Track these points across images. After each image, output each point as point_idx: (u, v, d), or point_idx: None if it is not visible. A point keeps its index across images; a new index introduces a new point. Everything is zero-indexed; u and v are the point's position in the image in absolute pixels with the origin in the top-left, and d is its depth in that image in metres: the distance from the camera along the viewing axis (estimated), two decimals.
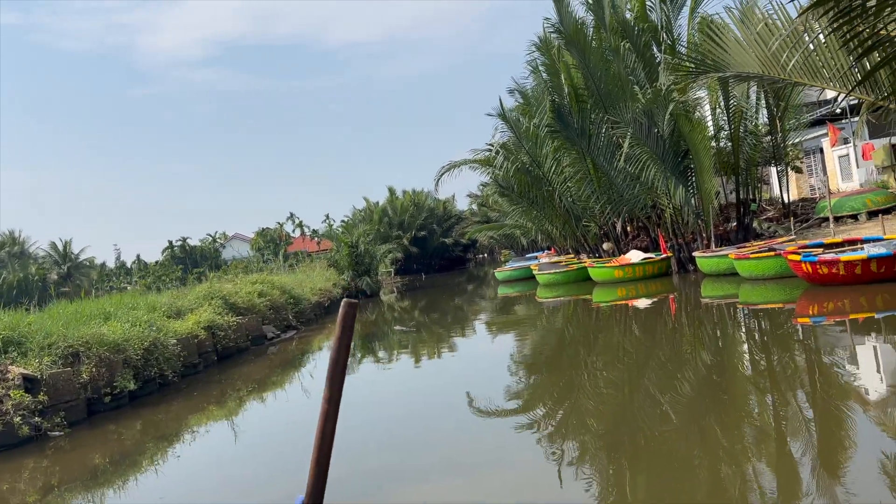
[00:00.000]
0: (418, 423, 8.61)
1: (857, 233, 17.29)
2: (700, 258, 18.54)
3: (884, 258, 12.20)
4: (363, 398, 10.10)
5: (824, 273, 12.91)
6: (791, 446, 5.91)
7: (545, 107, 22.66)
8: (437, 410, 9.11)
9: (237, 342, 15.93)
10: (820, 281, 13.19)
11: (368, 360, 15.17)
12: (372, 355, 16.22)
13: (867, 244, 13.14)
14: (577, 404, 8.45)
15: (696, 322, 14.14)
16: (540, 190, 25.24)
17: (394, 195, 56.44)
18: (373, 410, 9.32)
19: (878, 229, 17.61)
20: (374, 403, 9.93)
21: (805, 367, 8.75)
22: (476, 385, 10.09)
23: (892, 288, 12.30)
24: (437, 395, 10.22)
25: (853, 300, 12.40)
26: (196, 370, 13.83)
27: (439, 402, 9.66)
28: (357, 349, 17.33)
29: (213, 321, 14.80)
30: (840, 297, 12.67)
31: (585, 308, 19.58)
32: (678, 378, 8.91)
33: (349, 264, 32.38)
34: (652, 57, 21.25)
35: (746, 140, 21.83)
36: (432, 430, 8.08)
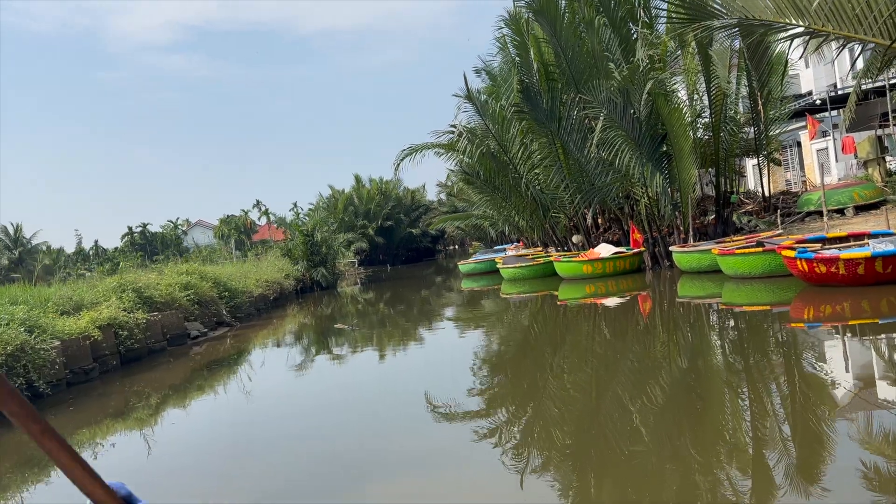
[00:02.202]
0: (371, 426, 7.73)
1: (849, 228, 15.71)
2: (677, 253, 16.79)
3: (890, 257, 10.52)
4: (310, 398, 9.65)
5: (822, 272, 11.20)
6: (772, 471, 4.98)
7: (513, 86, 20.73)
8: (393, 411, 8.38)
9: (148, 342, 13.78)
10: (817, 280, 11.49)
11: (322, 357, 14.04)
12: (326, 352, 14.80)
13: (873, 239, 11.45)
14: (541, 411, 7.58)
15: (671, 324, 12.42)
16: (506, 177, 23.35)
17: (360, 183, 54.22)
18: (319, 413, 8.68)
19: (871, 224, 16.06)
20: (320, 407, 9.18)
21: (793, 379, 7.47)
22: (433, 386, 9.24)
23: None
24: (393, 394, 9.48)
25: (854, 304, 10.72)
26: (88, 377, 11.69)
27: (395, 402, 8.91)
28: (310, 345, 15.98)
29: (114, 318, 12.63)
30: (839, 300, 10.98)
31: (551, 305, 17.84)
32: (649, 387, 7.80)
33: (304, 254, 30.20)
34: (629, 33, 19.42)
35: (726, 128, 20.19)
36: (386, 435, 7.30)
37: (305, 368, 12.71)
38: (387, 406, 8.68)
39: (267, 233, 69.77)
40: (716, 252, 14.44)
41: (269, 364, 13.93)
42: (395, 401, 8.93)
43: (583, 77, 19.60)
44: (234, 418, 9.19)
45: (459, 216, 38.44)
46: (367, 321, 20.69)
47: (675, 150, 17.79)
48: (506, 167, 23.28)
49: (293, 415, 8.87)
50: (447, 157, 26.03)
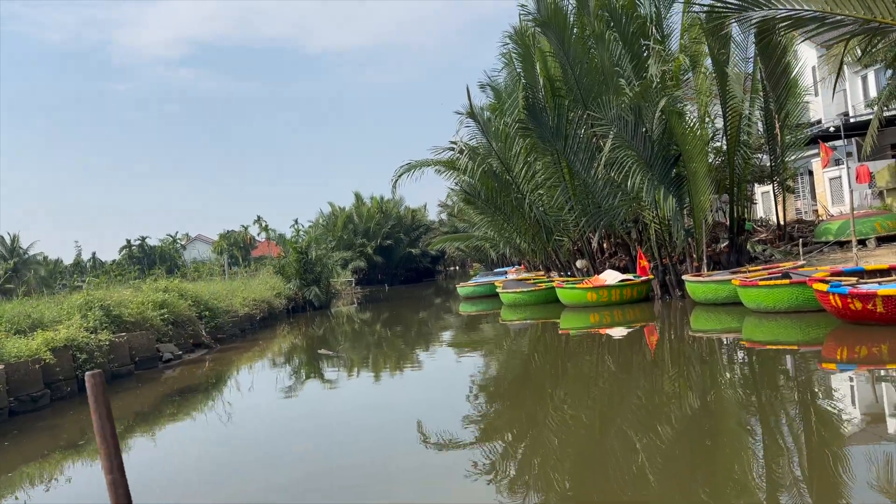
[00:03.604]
0: (359, 457, 7.23)
1: (875, 259, 14.56)
2: (691, 283, 15.60)
3: None
4: (291, 429, 9.09)
5: (858, 309, 10.03)
6: None
7: (517, 102, 19.71)
8: (381, 442, 7.78)
9: (112, 366, 12.60)
10: (852, 318, 10.31)
11: (306, 384, 13.24)
12: (312, 378, 13.93)
13: None
14: (540, 447, 7.10)
15: (682, 360, 11.27)
16: (508, 197, 22.25)
17: (360, 201, 53.25)
18: (298, 446, 8.09)
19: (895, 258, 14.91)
20: (302, 438, 8.53)
21: (818, 429, 6.60)
22: (426, 414, 8.83)
23: None
24: (382, 423, 8.81)
25: (894, 345, 9.53)
26: (37, 405, 10.50)
27: (383, 432, 8.27)
28: (294, 370, 15.02)
29: (72, 339, 11.45)
30: (877, 340, 9.81)
31: (553, 334, 16.65)
32: (658, 428, 7.13)
33: (297, 272, 29.06)
34: (640, 49, 18.40)
35: (740, 152, 19.12)
36: (369, 468, 6.77)
37: (288, 396, 11.72)
38: (374, 436, 8.06)
39: (266, 249, 68.88)
40: (736, 283, 13.24)
41: (247, 391, 12.84)
42: (384, 431, 8.31)
43: (591, 94, 18.57)
44: (204, 451, 8.32)
45: (459, 237, 37.35)
46: (361, 343, 19.59)
47: (689, 172, 16.69)
48: (508, 187, 22.21)
49: (269, 450, 8.09)
50: (448, 176, 24.99)
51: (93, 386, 2.16)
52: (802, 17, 5.64)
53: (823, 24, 5.60)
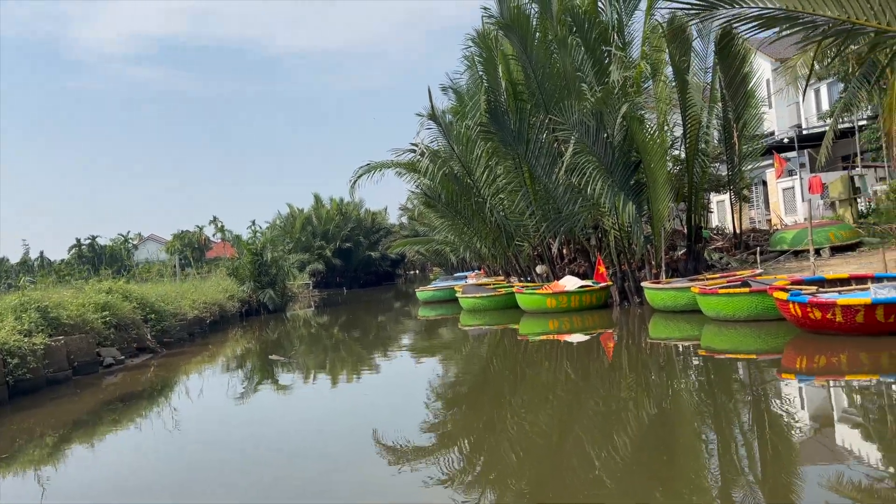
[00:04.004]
0: (311, 466, 7.10)
1: (830, 269, 14.70)
2: (650, 290, 15.54)
3: (893, 305, 9.34)
4: (240, 436, 8.72)
5: (817, 318, 10.00)
6: None
7: (479, 105, 19.46)
8: (333, 449, 7.60)
9: (47, 371, 11.86)
10: (812, 327, 10.28)
11: (258, 390, 12.78)
12: (265, 383, 13.41)
13: (876, 284, 10.31)
14: (498, 454, 7.01)
15: (641, 368, 11.20)
16: (469, 201, 21.96)
17: (320, 203, 52.40)
18: (247, 455, 7.75)
19: (852, 266, 15.10)
20: (249, 447, 8.14)
21: (775, 439, 6.57)
22: (382, 421, 8.54)
23: None
24: (336, 429, 8.63)
25: (852, 356, 9.54)
26: None
27: (336, 439, 8.08)
28: (246, 376, 14.51)
29: (3, 342, 10.72)
30: (836, 350, 9.78)
31: (511, 340, 16.44)
32: (615, 435, 7.16)
33: (251, 274, 28.26)
34: (602, 55, 18.34)
35: (699, 160, 19.22)
36: (321, 477, 6.65)
37: (239, 403, 11.24)
38: (329, 444, 7.86)
39: (222, 250, 67.37)
40: (695, 291, 13.18)
41: (195, 397, 12.32)
42: (339, 437, 8.11)
43: (553, 98, 18.45)
44: (148, 461, 7.88)
45: (419, 240, 36.96)
46: (318, 347, 19.11)
47: (649, 179, 16.67)
48: (469, 191, 21.94)
49: (216, 458, 7.81)
50: (408, 179, 24.61)
51: None
52: (774, 17, 5.45)
53: (795, 23, 5.41)
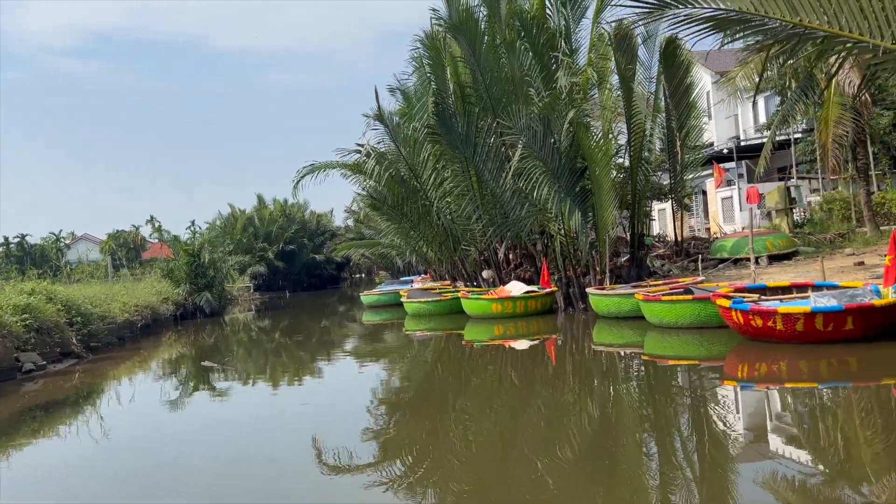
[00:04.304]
0: (248, 476, 6.79)
1: (769, 277, 14.97)
2: (594, 296, 15.53)
3: (833, 313, 9.47)
4: (170, 446, 8.36)
5: (758, 325, 10.07)
6: None
7: (427, 106, 19.18)
8: (276, 457, 7.36)
9: None
10: (753, 334, 10.35)
11: (192, 397, 12.29)
12: (199, 390, 12.96)
13: (816, 292, 10.46)
14: (441, 461, 6.97)
15: (584, 374, 11.21)
16: (416, 204, 21.64)
17: (262, 204, 51.16)
18: (178, 465, 7.49)
19: (790, 275, 15.44)
20: (181, 456, 7.86)
21: (714, 443, 6.75)
22: (324, 429, 8.35)
23: (841, 352, 9.57)
24: (273, 439, 8.32)
25: (792, 363, 9.63)
26: None
27: (274, 449, 7.77)
28: (180, 382, 13.91)
29: None
30: (776, 358, 9.87)
31: (456, 346, 16.19)
32: (557, 440, 7.20)
33: (187, 276, 27.20)
34: (550, 62, 18.31)
35: (642, 168, 19.41)
36: (268, 485, 6.40)
37: (172, 409, 10.84)
38: (267, 453, 7.58)
39: (159, 251, 65.21)
40: (640, 297, 13.19)
41: (124, 405, 11.66)
42: (277, 446, 7.84)
43: (501, 102, 18.33)
44: (72, 472, 7.48)
45: (365, 243, 36.47)
46: (259, 352, 18.46)
47: (595, 186, 16.71)
48: (416, 193, 21.62)
49: (144, 466, 7.48)
50: (354, 180, 24.12)
51: None
52: (727, 19, 5.33)
53: (747, 26, 5.30)
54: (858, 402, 7.87)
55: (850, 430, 6.81)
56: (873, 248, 17.63)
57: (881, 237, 18.67)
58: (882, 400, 7.92)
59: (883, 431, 6.61)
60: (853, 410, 7.56)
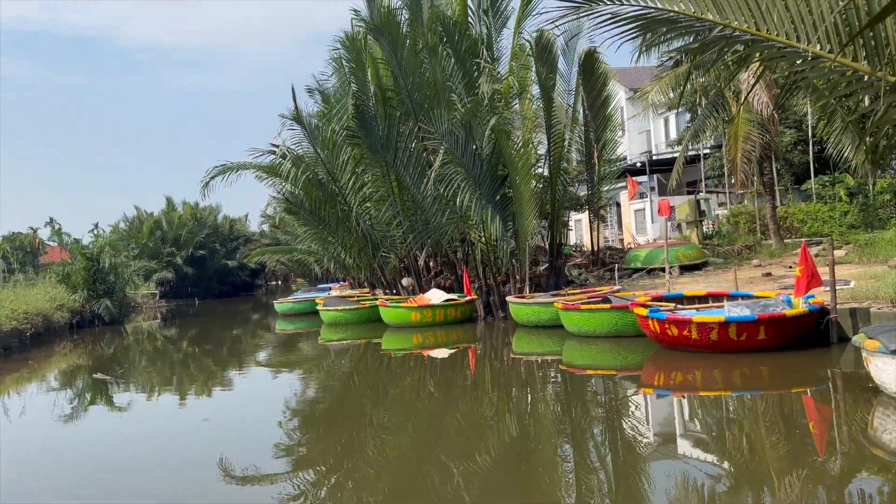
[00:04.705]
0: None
1: (681, 287, 15.27)
2: (514, 305, 15.40)
3: (745, 323, 9.62)
4: (59, 465, 7.69)
5: (674, 335, 10.12)
6: None
7: (346, 108, 18.63)
8: (179, 475, 7.01)
9: None
10: (669, 343, 10.40)
11: (89, 410, 11.54)
12: (95, 403, 12.17)
13: (731, 301, 10.62)
14: (356, 473, 6.71)
15: (502, 383, 11.03)
16: (334, 209, 20.97)
17: (172, 206, 48.80)
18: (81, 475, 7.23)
19: (701, 285, 15.82)
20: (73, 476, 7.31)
21: (628, 451, 6.87)
22: (232, 444, 7.94)
23: (754, 361, 9.72)
24: (180, 452, 8.05)
25: (707, 372, 9.72)
26: None
27: (183, 462, 7.54)
28: (74, 395, 12.95)
29: None
30: (692, 367, 9.95)
31: (374, 355, 15.69)
32: (475, 450, 7.08)
33: (85, 281, 25.38)
34: (472, 68, 18.17)
35: (560, 179, 19.57)
36: None
37: (64, 426, 10.03)
38: (169, 471, 7.16)
39: (59, 255, 61.25)
40: (559, 306, 13.12)
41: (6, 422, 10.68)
42: (181, 464, 7.45)
43: (423, 106, 18.04)
44: None
45: (280, 249, 35.28)
46: (162, 362, 17.32)
47: (515, 194, 16.64)
48: (334, 198, 20.96)
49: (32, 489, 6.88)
50: (269, 183, 23.20)
51: None
52: (654, 19, 5.16)
53: (674, 27, 5.15)
54: (769, 411, 7.96)
55: (758, 438, 6.88)
56: (778, 259, 18.39)
57: (785, 249, 19.53)
58: (793, 409, 8.03)
59: (791, 439, 6.70)
60: (763, 419, 7.64)
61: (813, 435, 6.83)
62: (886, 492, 5.22)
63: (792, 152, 25.64)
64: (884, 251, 15.16)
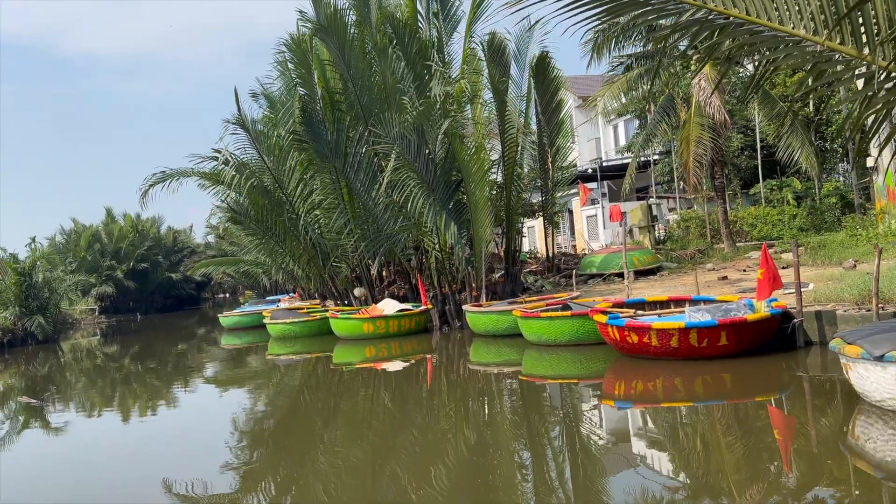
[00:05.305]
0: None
1: (637, 292, 15.07)
2: (471, 314, 14.93)
3: (706, 329, 9.35)
4: None
5: (634, 342, 9.79)
6: None
7: (293, 111, 17.95)
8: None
9: None
10: (630, 351, 10.08)
11: (32, 429, 11.03)
12: (36, 422, 11.46)
13: (692, 307, 10.35)
14: (307, 495, 6.36)
15: (459, 395, 10.54)
16: (281, 217, 20.19)
17: (111, 218, 46.87)
18: None
19: (658, 289, 15.67)
20: None
21: (589, 462, 6.64)
22: (175, 465, 7.67)
23: (716, 368, 9.46)
24: (121, 475, 7.60)
25: (668, 381, 9.38)
26: None
27: (124, 484, 7.14)
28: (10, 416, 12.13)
29: None
30: (653, 375, 9.60)
31: (325, 370, 15.00)
32: (432, 466, 6.78)
33: (17, 298, 23.88)
34: (423, 71, 17.73)
35: (514, 185, 19.27)
36: None
37: None
38: (106, 491, 6.87)
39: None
40: (517, 314, 12.70)
41: None
42: (121, 486, 7.08)
43: (373, 110, 17.48)
44: None
45: (225, 261, 34.09)
46: (100, 382, 16.28)
47: (470, 200, 16.22)
48: (281, 206, 20.18)
49: None
50: (213, 192, 22.21)
51: None
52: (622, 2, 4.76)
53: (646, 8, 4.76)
54: (732, 420, 7.67)
55: (720, 448, 6.59)
56: (731, 263, 18.43)
57: (737, 253, 19.63)
58: (756, 417, 7.74)
59: (754, 449, 6.39)
60: (726, 428, 7.33)
61: (782, 446, 6.50)
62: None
63: (739, 157, 26.01)
64: (837, 253, 15.27)
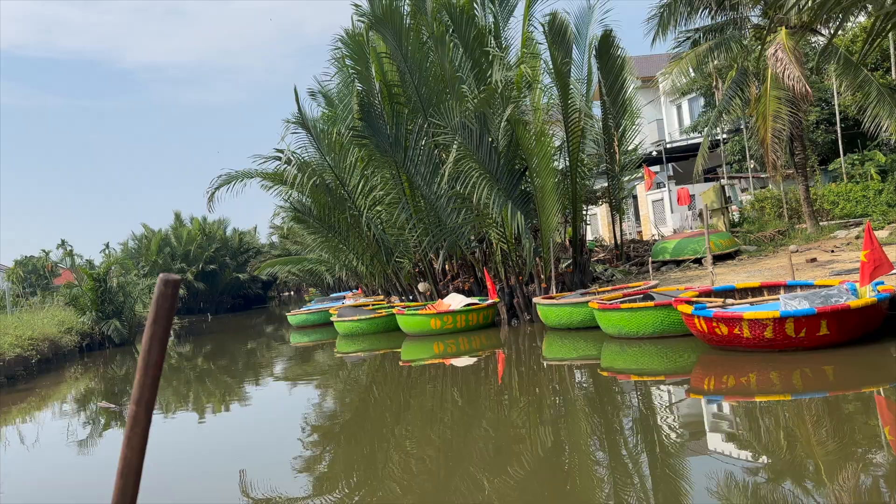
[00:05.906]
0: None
1: (719, 278, 14.25)
2: (543, 306, 14.42)
3: (804, 317, 8.59)
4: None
5: (724, 333, 9.12)
6: None
7: (351, 107, 17.79)
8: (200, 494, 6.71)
9: None
10: (719, 343, 9.40)
11: (110, 433, 10.91)
12: (117, 424, 11.39)
13: (788, 293, 9.59)
14: (381, 495, 6.14)
15: (535, 393, 10.01)
16: (344, 214, 20.12)
17: (180, 222, 48.25)
18: None
19: (739, 275, 14.80)
20: None
21: (686, 469, 5.94)
22: (250, 461, 7.67)
23: (817, 359, 8.71)
24: (199, 469, 7.85)
25: (762, 374, 8.68)
26: None
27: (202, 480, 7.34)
28: (92, 419, 12.37)
29: None
30: (746, 369, 8.91)
31: (393, 367, 14.80)
32: (509, 468, 6.32)
33: (93, 303, 24.69)
34: (481, 58, 17.26)
35: (579, 171, 18.59)
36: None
37: (81, 452, 9.57)
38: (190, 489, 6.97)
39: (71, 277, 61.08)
40: (595, 306, 12.13)
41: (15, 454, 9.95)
42: (201, 481, 7.28)
43: (432, 101, 17.13)
44: None
45: (290, 260, 34.50)
46: (177, 381, 16.57)
47: (536, 187, 15.69)
48: (343, 203, 20.10)
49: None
50: (275, 192, 22.36)
51: (161, 298, 1.41)
52: None
53: None
54: (836, 414, 6.98)
55: (824, 446, 5.94)
56: (817, 243, 17.32)
57: (822, 233, 18.45)
58: (864, 410, 7.04)
59: (863, 445, 5.74)
60: (830, 423, 6.65)
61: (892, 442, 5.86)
62: None
63: (815, 131, 24.54)
64: None
